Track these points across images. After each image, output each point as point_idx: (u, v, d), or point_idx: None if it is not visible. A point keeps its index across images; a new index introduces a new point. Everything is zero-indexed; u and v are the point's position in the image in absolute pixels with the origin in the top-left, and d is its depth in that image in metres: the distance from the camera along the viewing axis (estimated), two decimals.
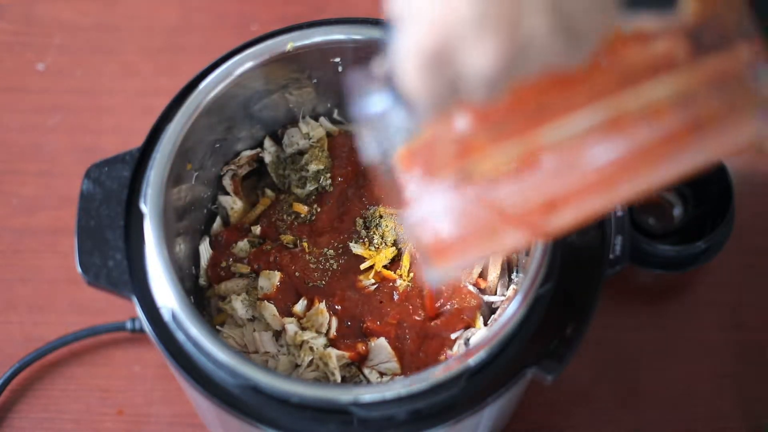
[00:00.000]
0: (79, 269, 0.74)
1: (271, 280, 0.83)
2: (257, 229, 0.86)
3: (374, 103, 0.54)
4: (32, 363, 0.94)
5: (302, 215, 0.87)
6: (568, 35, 0.42)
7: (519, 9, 0.40)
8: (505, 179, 0.54)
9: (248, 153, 0.88)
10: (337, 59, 0.83)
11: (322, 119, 0.90)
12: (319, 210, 0.87)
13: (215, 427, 0.85)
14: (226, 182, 0.87)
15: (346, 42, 0.81)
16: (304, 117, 0.89)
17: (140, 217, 0.75)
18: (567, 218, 0.56)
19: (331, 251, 0.85)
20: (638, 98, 0.51)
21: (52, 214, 1.02)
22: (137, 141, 0.78)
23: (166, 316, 0.72)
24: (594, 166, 0.53)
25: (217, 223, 0.87)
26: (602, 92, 0.52)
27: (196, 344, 0.70)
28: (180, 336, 0.71)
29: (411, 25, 0.43)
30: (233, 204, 0.87)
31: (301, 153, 0.89)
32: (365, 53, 0.82)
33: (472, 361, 0.69)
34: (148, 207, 0.74)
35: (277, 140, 0.90)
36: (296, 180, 0.88)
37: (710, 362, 0.95)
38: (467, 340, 0.81)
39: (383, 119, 0.54)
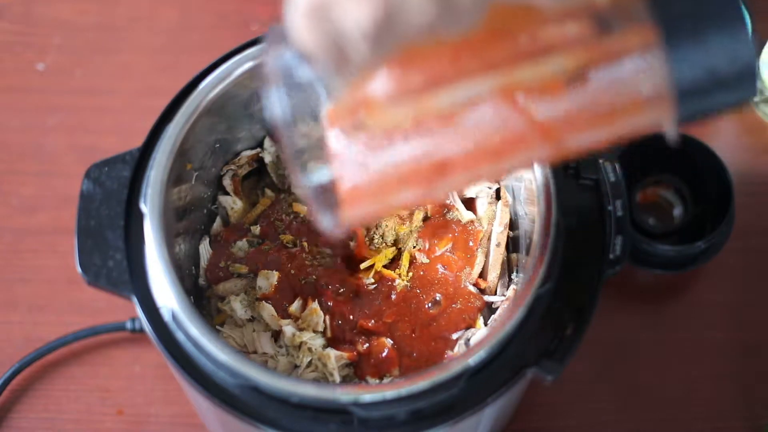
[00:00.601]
0: (79, 269, 0.74)
1: (269, 279, 0.83)
2: (257, 229, 0.86)
3: (280, 59, 0.56)
4: (32, 363, 0.94)
5: (302, 215, 0.87)
6: (442, 2, 0.45)
7: None
8: (398, 136, 0.56)
9: (248, 153, 0.88)
10: None
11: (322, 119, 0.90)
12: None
13: (215, 427, 0.85)
14: (226, 182, 0.87)
15: None
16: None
17: (140, 217, 0.75)
18: (457, 184, 0.58)
19: (328, 250, 0.85)
20: (535, 70, 0.53)
21: (52, 214, 1.02)
22: (137, 141, 0.78)
23: (166, 316, 0.72)
24: (480, 134, 0.55)
25: (217, 223, 0.87)
26: (499, 63, 0.54)
27: (196, 344, 0.70)
28: (180, 336, 0.71)
29: None
30: (233, 204, 0.87)
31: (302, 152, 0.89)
32: None
33: (472, 361, 0.69)
34: (148, 207, 0.74)
35: (276, 141, 0.90)
36: None
37: (710, 362, 0.95)
38: (467, 340, 0.81)
39: (290, 76, 0.56)
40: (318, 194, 0.59)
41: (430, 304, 0.82)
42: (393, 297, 0.83)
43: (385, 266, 0.84)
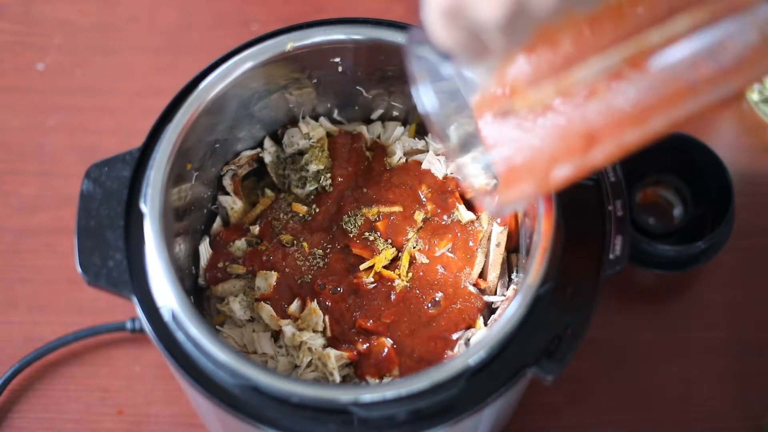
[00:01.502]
0: (79, 269, 0.74)
1: (267, 280, 0.83)
2: (256, 229, 0.86)
3: (423, 59, 0.60)
4: (32, 363, 0.94)
5: (300, 215, 0.87)
6: None
7: None
8: (544, 114, 0.60)
9: (248, 153, 0.88)
10: (337, 59, 0.83)
11: (322, 119, 0.90)
12: (317, 210, 0.87)
13: (215, 427, 0.85)
14: (227, 182, 0.87)
15: (346, 42, 0.81)
16: (304, 117, 0.89)
17: (140, 217, 0.75)
18: (607, 151, 0.61)
19: (320, 251, 0.85)
20: (662, 33, 0.57)
21: (52, 214, 1.02)
22: (137, 141, 0.78)
23: (166, 316, 0.72)
24: (626, 101, 0.59)
25: (217, 223, 0.87)
26: (630, 32, 0.58)
27: (196, 344, 0.70)
28: (180, 336, 0.71)
29: None
30: (233, 204, 0.87)
31: (301, 153, 0.89)
32: (366, 53, 0.82)
33: (472, 361, 0.69)
34: (148, 207, 0.74)
35: (277, 140, 0.90)
36: (296, 180, 0.88)
37: (710, 362, 0.95)
38: (467, 340, 0.81)
39: (435, 74, 0.60)
40: (478, 179, 0.63)
41: (429, 305, 0.83)
42: (392, 297, 0.83)
43: (385, 266, 0.84)
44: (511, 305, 0.71)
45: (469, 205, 0.87)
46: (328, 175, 0.88)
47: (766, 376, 0.95)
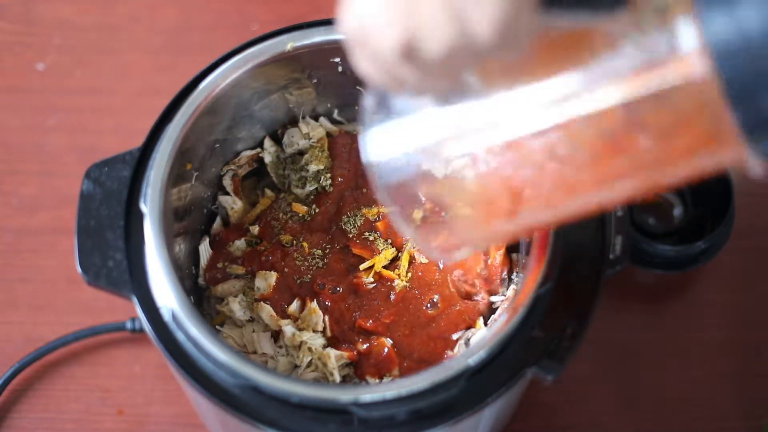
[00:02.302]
0: (79, 269, 0.74)
1: (267, 280, 0.83)
2: (255, 229, 0.86)
3: (368, 101, 0.61)
4: (32, 363, 0.94)
5: (300, 214, 0.87)
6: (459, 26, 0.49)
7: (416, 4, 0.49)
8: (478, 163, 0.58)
9: (248, 153, 0.88)
10: (337, 59, 0.83)
11: (322, 119, 0.90)
12: (317, 210, 0.87)
13: (215, 427, 0.85)
14: (227, 182, 0.87)
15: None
16: (304, 117, 0.89)
17: (140, 217, 0.75)
18: (537, 215, 0.59)
19: (319, 251, 0.85)
20: (593, 102, 0.53)
21: (52, 214, 1.02)
22: (137, 141, 0.78)
23: (166, 316, 0.72)
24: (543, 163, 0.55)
25: (217, 223, 0.87)
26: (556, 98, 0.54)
27: (196, 344, 0.70)
28: (180, 336, 0.71)
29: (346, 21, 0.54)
30: (233, 204, 0.87)
31: (301, 153, 0.89)
32: None
33: (472, 361, 0.69)
34: (148, 207, 0.74)
35: (277, 140, 0.90)
36: (296, 180, 0.88)
37: (710, 362, 0.95)
38: (468, 340, 0.81)
39: (378, 111, 0.60)
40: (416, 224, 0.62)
41: (428, 305, 0.82)
42: (392, 297, 0.83)
43: (384, 267, 0.84)
44: (511, 305, 0.71)
45: None
46: (328, 175, 0.88)
47: (766, 376, 0.95)
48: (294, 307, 0.82)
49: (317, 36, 0.81)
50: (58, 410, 0.94)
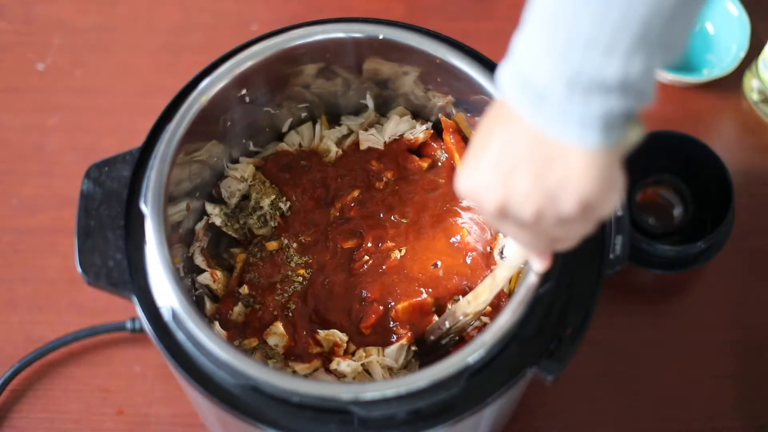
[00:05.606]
0: (79, 269, 0.74)
1: (277, 333, 0.81)
2: (245, 289, 0.84)
3: None
4: (32, 363, 0.94)
5: (272, 250, 0.85)
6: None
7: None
8: None
9: (199, 225, 0.85)
10: (243, 91, 0.81)
11: (242, 159, 0.88)
12: (289, 238, 0.86)
13: (215, 427, 0.85)
14: (198, 260, 0.84)
15: (346, 41, 0.81)
16: (227, 167, 0.87)
17: (140, 217, 0.75)
18: None
19: (315, 266, 0.85)
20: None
21: (52, 214, 1.02)
22: (137, 141, 0.78)
23: (166, 315, 0.72)
24: None
25: (209, 305, 0.84)
26: None
27: (196, 344, 0.70)
28: (180, 336, 0.71)
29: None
30: (212, 280, 0.84)
31: (245, 197, 0.87)
32: (365, 52, 0.82)
33: (472, 359, 0.69)
34: (148, 207, 0.74)
35: (215, 200, 0.87)
36: (256, 222, 0.86)
37: (710, 362, 0.95)
38: (501, 249, 0.82)
39: None
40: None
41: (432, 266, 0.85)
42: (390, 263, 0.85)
43: (378, 245, 0.86)
44: (511, 305, 0.71)
45: (419, 153, 0.88)
46: (284, 198, 0.87)
47: (766, 376, 0.95)
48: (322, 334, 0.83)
49: (317, 35, 0.80)
50: (58, 410, 0.94)
